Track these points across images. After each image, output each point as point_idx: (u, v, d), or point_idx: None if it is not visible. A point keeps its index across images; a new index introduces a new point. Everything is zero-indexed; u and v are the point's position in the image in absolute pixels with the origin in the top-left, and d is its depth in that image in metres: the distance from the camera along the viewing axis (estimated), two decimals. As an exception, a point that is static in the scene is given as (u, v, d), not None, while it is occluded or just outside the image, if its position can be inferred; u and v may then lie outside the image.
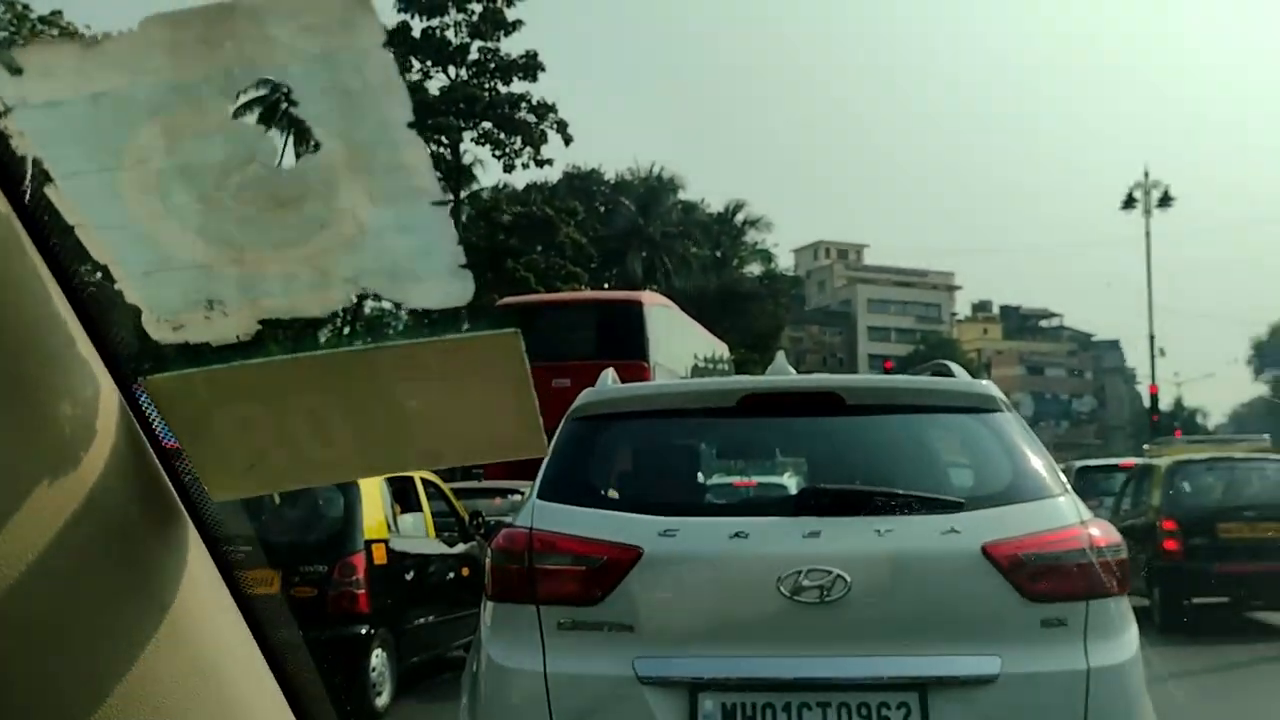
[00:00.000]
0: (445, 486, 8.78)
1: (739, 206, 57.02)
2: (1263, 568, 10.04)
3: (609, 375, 3.88)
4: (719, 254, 55.85)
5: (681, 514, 3.16)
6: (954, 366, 3.90)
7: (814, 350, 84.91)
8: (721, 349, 22.45)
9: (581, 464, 3.39)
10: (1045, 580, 2.92)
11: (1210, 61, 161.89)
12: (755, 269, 55.54)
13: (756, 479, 6.94)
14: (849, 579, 2.85)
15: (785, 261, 67.33)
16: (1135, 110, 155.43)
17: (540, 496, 3.22)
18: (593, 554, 2.99)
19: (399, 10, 38.45)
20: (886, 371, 35.48)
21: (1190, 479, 11.19)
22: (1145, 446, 20.52)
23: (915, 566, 2.96)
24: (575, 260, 41.29)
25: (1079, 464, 18.63)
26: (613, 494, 3.41)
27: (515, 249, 36.99)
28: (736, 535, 2.99)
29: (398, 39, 39.00)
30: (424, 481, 8.05)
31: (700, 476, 3.73)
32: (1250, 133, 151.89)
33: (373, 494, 6.81)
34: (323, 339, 41.35)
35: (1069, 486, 3.22)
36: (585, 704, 2.92)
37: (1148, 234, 31.77)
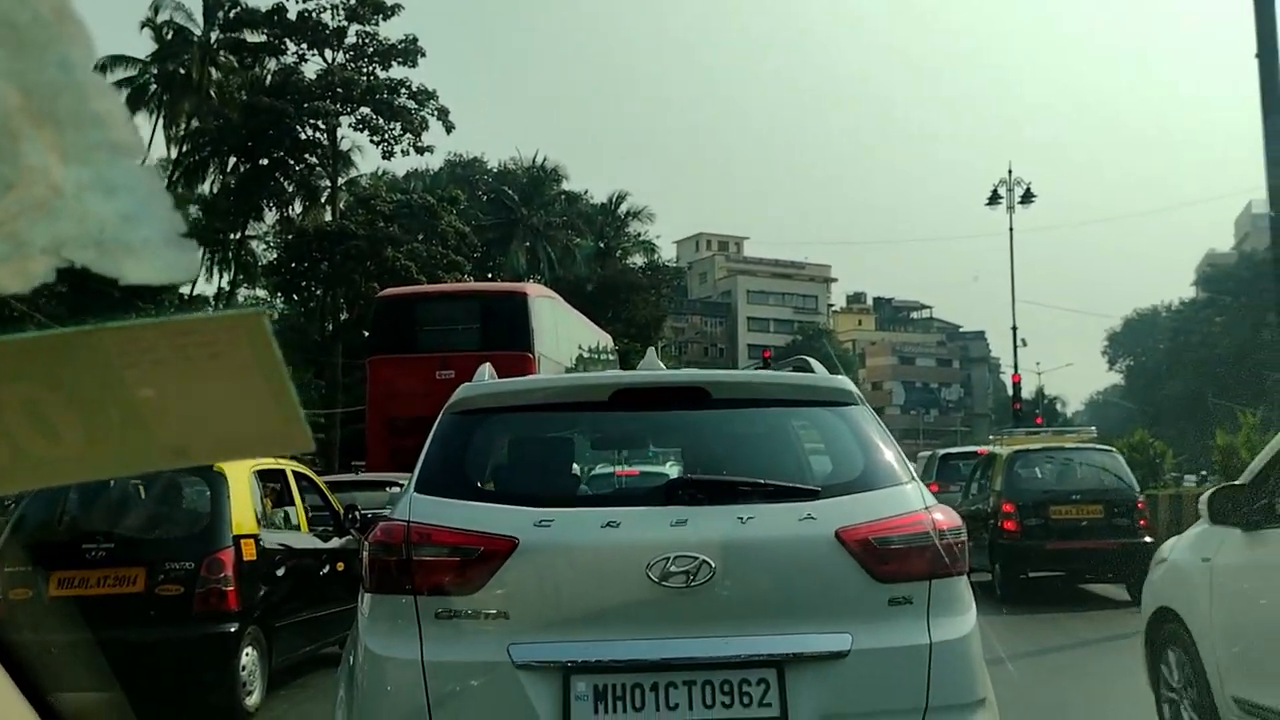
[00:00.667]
0: (319, 480, 8.62)
1: (622, 197, 57.27)
2: (1089, 545, 11.23)
3: (486, 370, 3.93)
4: (602, 244, 55.96)
5: (556, 505, 3.25)
6: (813, 362, 4.08)
7: (696, 340, 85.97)
8: (605, 340, 22.54)
9: (458, 457, 3.45)
10: (892, 562, 3.12)
11: (1073, 62, 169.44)
12: (638, 260, 55.82)
13: (639, 468, 7.05)
14: (713, 564, 2.99)
15: (668, 253, 67.88)
16: (1001, 110, 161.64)
17: (418, 489, 3.29)
18: (469, 545, 3.06)
19: (272, -9, 37.27)
20: (765, 360, 36.15)
21: (1027, 466, 12.24)
22: (990, 437, 22.25)
23: (774, 551, 3.12)
24: (458, 250, 40.76)
25: (942, 452, 20.39)
26: (489, 486, 3.48)
27: (396, 238, 36.28)
28: (608, 525, 3.11)
29: (273, 21, 37.89)
30: (296, 474, 7.88)
31: (574, 468, 3.84)
32: (1108, 131, 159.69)
33: (242, 488, 6.63)
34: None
35: (916, 475, 3.43)
36: (462, 690, 3.01)
37: (1011, 229, 33.15)
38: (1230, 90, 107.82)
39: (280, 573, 7.02)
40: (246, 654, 6.37)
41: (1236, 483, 4.76)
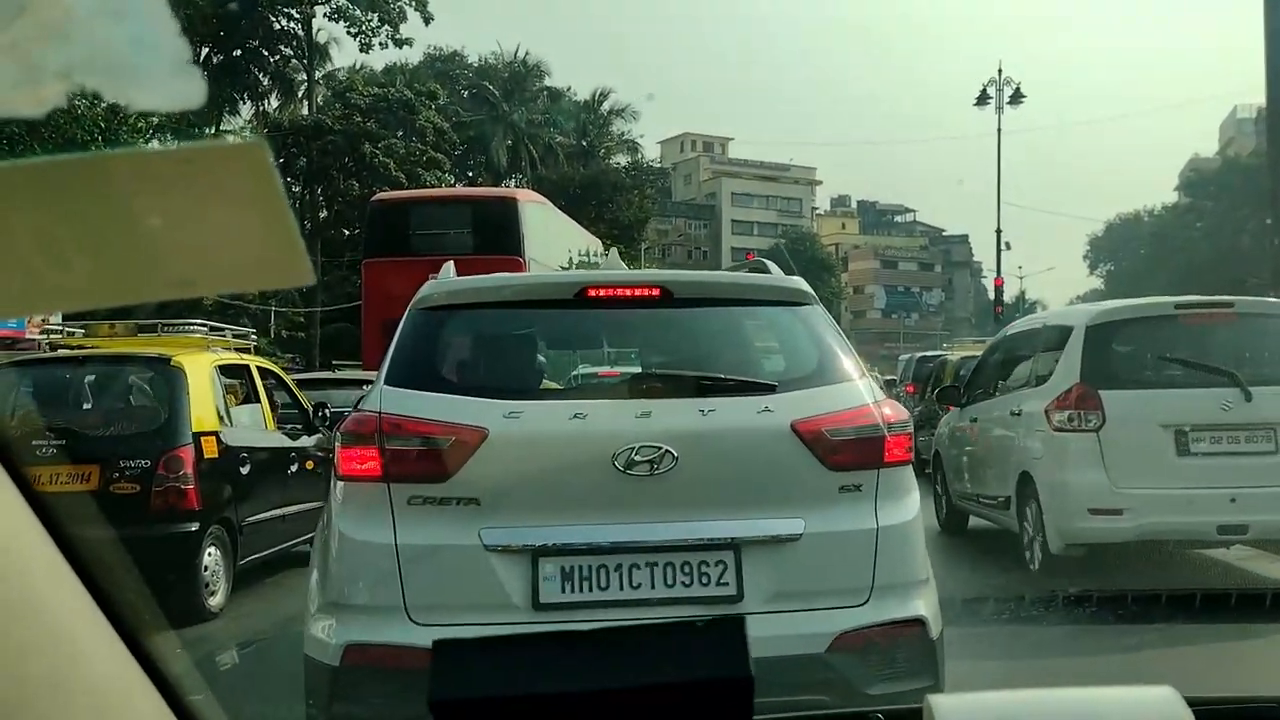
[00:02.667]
0: (288, 377, 8.45)
1: (605, 94, 56.08)
2: None
3: (449, 268, 3.99)
4: (585, 143, 54.99)
5: (524, 398, 3.38)
6: (769, 264, 4.21)
7: (680, 243, 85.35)
8: (595, 244, 22.66)
9: (427, 352, 3.55)
10: (843, 452, 3.29)
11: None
12: (622, 159, 54.91)
13: (616, 368, 6.93)
14: (676, 454, 3.15)
15: (652, 153, 66.88)
16: (988, 10, 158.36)
17: (388, 382, 3.37)
18: (441, 435, 3.17)
19: None
20: (748, 262, 36.01)
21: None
22: (944, 345, 23.79)
23: (733, 442, 3.29)
24: (437, 146, 39.95)
25: (918, 355, 21.66)
26: (459, 379, 3.59)
27: (373, 133, 35.46)
28: (576, 416, 3.26)
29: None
30: (262, 370, 7.70)
31: (541, 363, 3.92)
32: (1097, 31, 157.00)
33: (202, 383, 6.46)
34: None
35: (866, 371, 3.62)
36: (435, 570, 3.15)
37: (999, 130, 32.62)
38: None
39: (244, 471, 6.88)
40: (209, 554, 6.27)
41: (950, 385, 10.18)
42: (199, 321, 12.55)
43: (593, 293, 3.58)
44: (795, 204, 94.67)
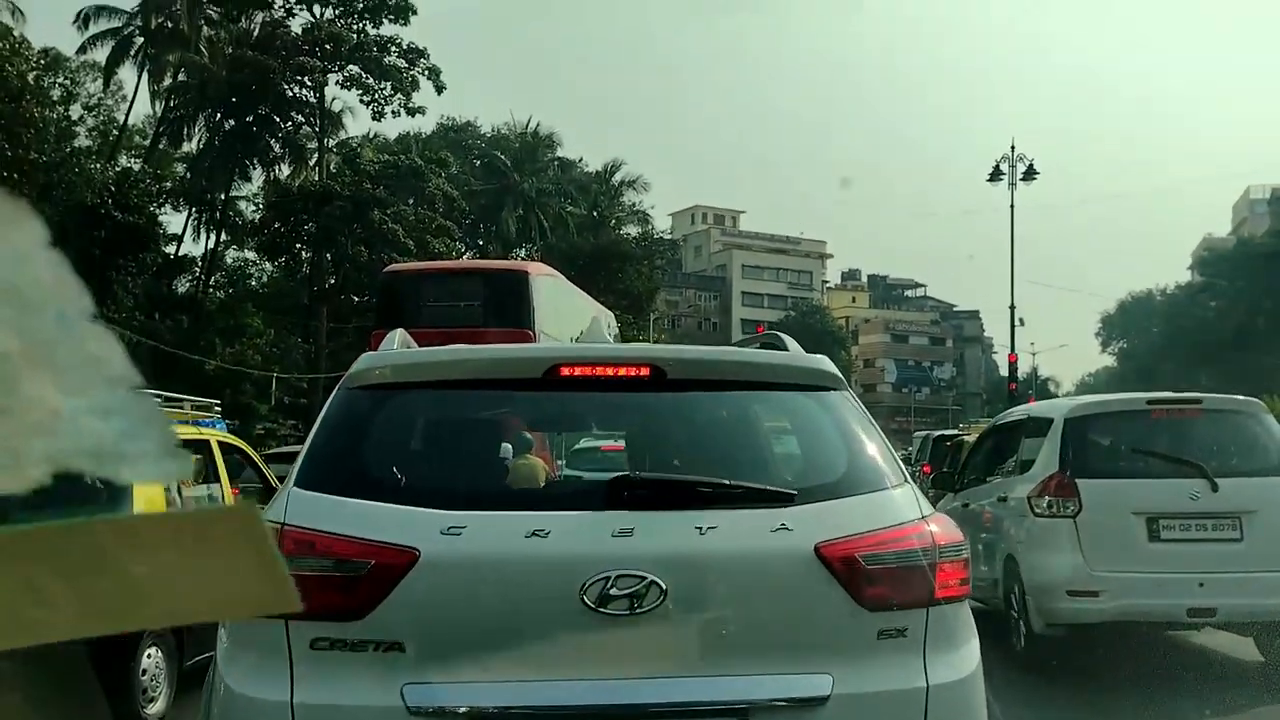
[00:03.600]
0: (254, 453, 7.85)
1: (617, 166, 56.24)
2: None
3: (397, 336, 3.35)
4: (596, 214, 54.98)
5: (471, 507, 2.65)
6: (787, 339, 3.50)
7: (689, 314, 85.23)
8: (608, 317, 22.41)
9: (354, 443, 2.87)
10: (882, 585, 2.60)
11: (1075, 44, 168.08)
12: (632, 230, 54.82)
13: (592, 469, 6.16)
14: (664, 585, 2.46)
15: (662, 224, 66.92)
16: (1003, 88, 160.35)
17: (299, 484, 2.71)
18: (358, 556, 2.50)
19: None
20: (759, 336, 35.59)
21: None
22: (960, 425, 23.51)
23: (741, 570, 2.59)
24: (447, 214, 39.88)
25: (936, 434, 21.42)
26: (391, 481, 2.84)
27: (382, 199, 35.38)
28: (535, 534, 2.53)
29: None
30: (224, 446, 7.09)
31: (498, 462, 3.25)
32: (1111, 108, 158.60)
33: None
34: (184, 288, 38.96)
35: (908, 475, 2.90)
36: None
37: (1012, 206, 32.32)
38: (1235, 75, 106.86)
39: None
40: (149, 655, 5.60)
41: (945, 471, 10.30)
42: (150, 391, 11.97)
43: (566, 371, 2.88)
44: (806, 276, 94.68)
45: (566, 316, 17.85)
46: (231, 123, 37.80)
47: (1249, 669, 7.12)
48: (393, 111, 38.28)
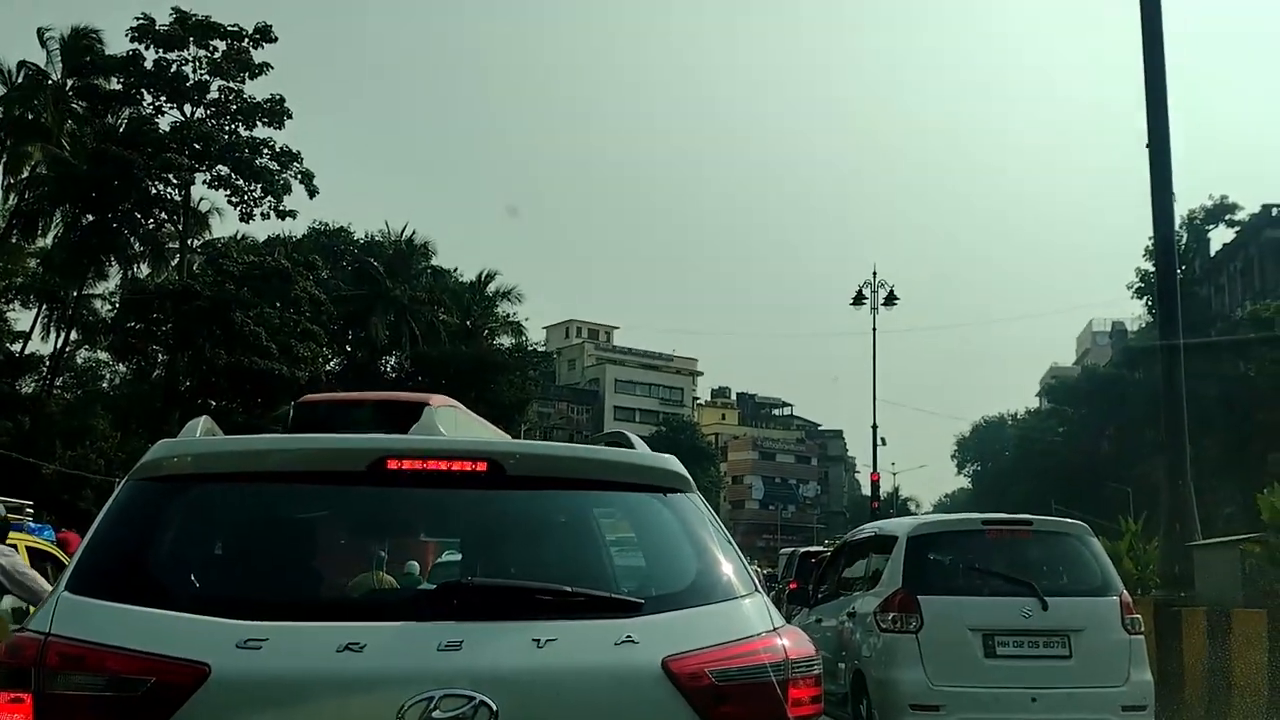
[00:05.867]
0: (67, 559, 7.34)
1: (491, 276, 56.35)
2: None
3: (200, 425, 3.00)
4: (469, 323, 54.75)
5: (275, 616, 2.34)
6: (633, 437, 3.23)
7: (561, 426, 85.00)
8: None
9: (141, 542, 2.53)
10: (731, 703, 2.39)
11: (932, 179, 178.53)
12: (506, 341, 54.73)
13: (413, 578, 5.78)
14: (495, 706, 2.23)
15: (536, 337, 66.98)
16: (866, 212, 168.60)
17: (71, 587, 2.38)
18: (137, 673, 2.20)
19: (131, 40, 35.70)
20: (605, 434, 35.70)
21: None
22: (825, 541, 24.05)
23: (582, 688, 2.34)
24: (314, 319, 39.11)
25: (802, 550, 21.09)
26: (181, 587, 2.52)
27: (245, 300, 34.51)
28: (348, 648, 2.25)
29: (129, 69, 36.17)
30: (34, 552, 6.62)
31: (309, 567, 2.85)
32: (964, 244, 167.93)
33: None
34: (30, 388, 36.81)
35: (759, 585, 2.72)
36: None
37: (874, 329, 33.74)
38: (1082, 206, 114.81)
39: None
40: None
41: (799, 588, 10.74)
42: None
43: (394, 464, 2.60)
44: (677, 393, 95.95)
45: None
46: (90, 217, 36.54)
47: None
48: (262, 214, 37.78)
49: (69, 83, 36.48)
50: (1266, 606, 8.65)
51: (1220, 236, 55.08)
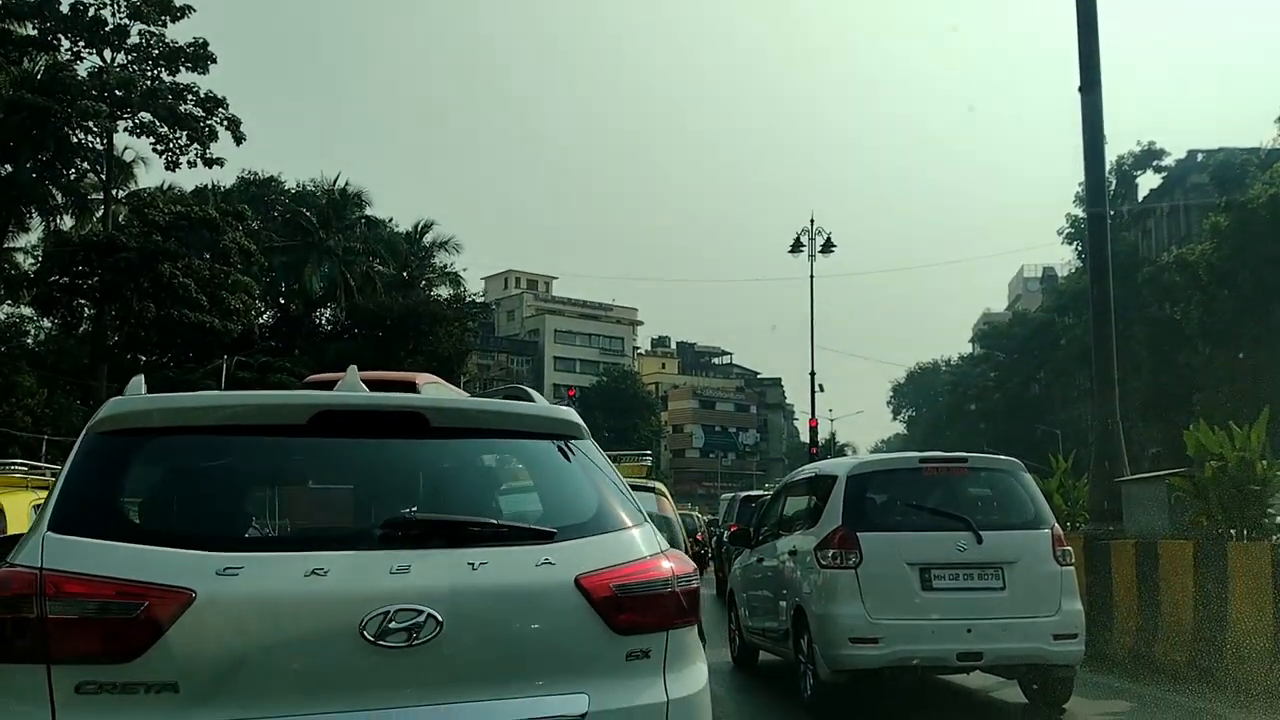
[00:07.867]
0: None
1: (428, 226, 55.61)
2: None
3: (139, 382, 3.31)
4: (406, 274, 54.05)
5: (246, 548, 2.76)
6: (532, 391, 3.79)
7: (501, 377, 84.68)
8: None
9: (112, 488, 2.82)
10: (632, 612, 2.90)
11: (867, 127, 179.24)
12: (444, 292, 54.03)
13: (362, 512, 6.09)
14: (440, 618, 2.64)
15: (475, 288, 66.36)
16: (806, 154, 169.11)
17: (53, 528, 2.64)
18: (129, 598, 2.49)
19: (46, -20, 34.14)
20: (569, 399, 35.74)
21: None
22: (765, 485, 24.59)
23: (511, 601, 2.80)
24: (245, 270, 38.29)
25: (743, 494, 21.96)
26: (155, 525, 2.87)
27: (173, 252, 33.65)
28: (314, 573, 2.62)
29: (43, 13, 34.75)
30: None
31: (269, 505, 3.32)
32: (899, 193, 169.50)
33: (20, 523, 5.51)
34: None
35: (646, 517, 3.23)
36: None
37: (812, 277, 34.01)
38: (1017, 152, 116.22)
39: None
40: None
41: (740, 529, 10.73)
42: (19, 461, 11.20)
43: (333, 417, 2.98)
44: (617, 342, 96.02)
45: None
46: (8, 168, 35.24)
47: (1013, 711, 7.61)
48: (189, 162, 36.64)
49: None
50: (1192, 537, 8.96)
51: (1148, 182, 56.36)
